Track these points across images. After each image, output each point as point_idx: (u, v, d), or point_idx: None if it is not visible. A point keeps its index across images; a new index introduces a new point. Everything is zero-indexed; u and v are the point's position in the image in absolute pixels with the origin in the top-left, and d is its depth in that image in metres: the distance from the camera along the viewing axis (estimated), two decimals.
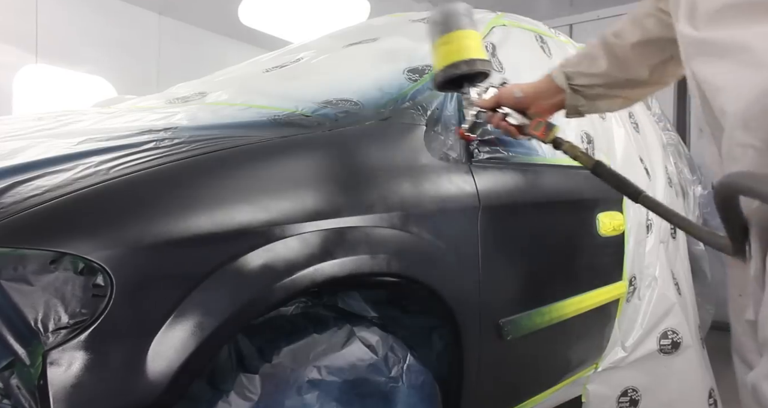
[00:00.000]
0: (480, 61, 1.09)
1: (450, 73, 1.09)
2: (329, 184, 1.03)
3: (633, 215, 1.86)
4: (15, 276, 0.71)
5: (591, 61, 1.06)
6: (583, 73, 1.07)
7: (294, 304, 1.04)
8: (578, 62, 1.08)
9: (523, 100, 1.11)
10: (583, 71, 1.07)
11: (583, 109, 1.10)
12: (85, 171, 0.85)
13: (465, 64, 1.08)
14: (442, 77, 1.11)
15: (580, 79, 1.07)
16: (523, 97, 1.10)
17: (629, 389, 1.89)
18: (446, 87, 1.14)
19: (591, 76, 1.06)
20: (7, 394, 0.69)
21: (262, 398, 0.90)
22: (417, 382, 1.10)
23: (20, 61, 3.95)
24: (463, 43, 1.08)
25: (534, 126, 1.09)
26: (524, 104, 1.11)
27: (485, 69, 1.11)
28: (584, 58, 1.07)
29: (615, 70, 1.04)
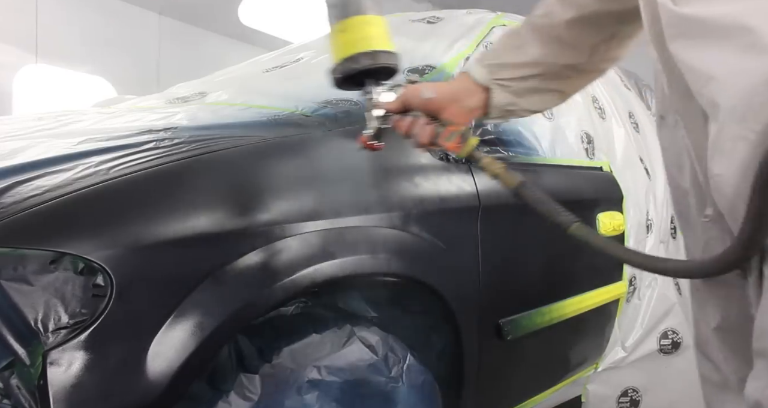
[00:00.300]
0: (385, 54, 0.89)
1: (349, 68, 0.89)
2: (329, 184, 1.03)
3: (633, 215, 1.86)
4: (15, 276, 0.71)
5: (517, 49, 0.88)
6: (509, 64, 0.87)
7: (294, 304, 1.04)
8: (501, 52, 0.89)
9: (433, 102, 0.88)
10: (510, 62, 0.87)
11: (512, 108, 0.90)
12: (85, 171, 0.85)
13: (366, 57, 0.88)
14: (340, 73, 0.91)
15: (505, 71, 0.87)
16: (434, 98, 0.88)
17: (629, 389, 1.89)
18: (346, 84, 0.94)
19: (520, 67, 0.87)
20: (7, 394, 0.69)
21: (262, 398, 0.90)
22: (417, 382, 1.10)
23: (20, 61, 3.95)
24: (365, 32, 0.89)
25: (446, 136, 0.86)
26: (435, 107, 0.89)
27: (391, 63, 0.91)
28: (508, 47, 0.89)
29: (549, 57, 0.87)
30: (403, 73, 1.38)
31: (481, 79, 0.88)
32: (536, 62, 0.86)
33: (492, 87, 0.88)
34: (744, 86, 0.52)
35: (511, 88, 0.88)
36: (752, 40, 0.51)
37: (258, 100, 1.38)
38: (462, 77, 0.91)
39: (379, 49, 0.89)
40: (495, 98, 0.89)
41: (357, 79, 0.92)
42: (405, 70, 1.41)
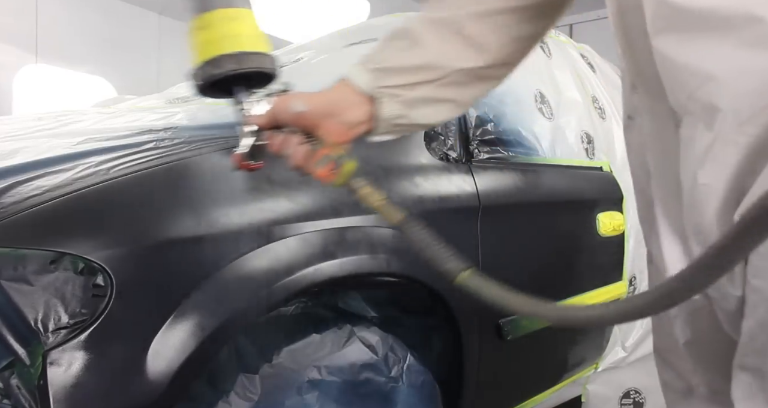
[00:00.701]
0: (255, 56, 0.76)
1: (209, 74, 0.74)
2: None
3: (633, 215, 1.86)
4: (15, 276, 0.71)
5: (408, 49, 0.72)
6: (398, 68, 0.71)
7: (294, 304, 1.04)
8: (389, 54, 0.73)
9: (305, 117, 0.72)
10: (399, 65, 0.71)
11: (402, 121, 0.74)
12: (85, 171, 0.85)
13: (231, 61, 0.74)
14: (200, 78, 0.75)
15: (394, 77, 0.71)
16: (306, 112, 0.72)
17: (631, 390, 1.89)
18: (211, 92, 0.78)
19: (411, 71, 0.71)
20: (7, 394, 0.69)
21: (262, 398, 0.90)
22: (417, 382, 1.10)
23: (20, 61, 3.95)
24: (229, 29, 0.74)
25: (316, 160, 0.70)
26: (308, 123, 0.72)
27: (265, 67, 0.78)
28: (397, 47, 0.73)
29: (445, 58, 0.72)
30: None
31: (365, 87, 0.72)
32: (430, 65, 0.71)
33: (378, 96, 0.72)
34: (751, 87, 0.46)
35: (400, 97, 0.72)
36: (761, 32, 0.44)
37: None
38: (341, 85, 0.74)
39: (248, 51, 0.75)
40: (383, 110, 0.72)
41: (225, 87, 0.76)
42: None
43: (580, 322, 0.60)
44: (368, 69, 0.73)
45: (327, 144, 0.71)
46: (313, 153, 0.71)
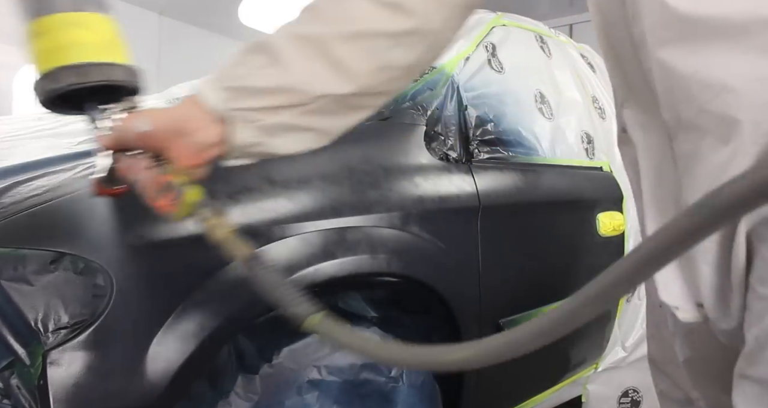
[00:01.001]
0: (105, 67, 0.66)
1: (48, 89, 0.65)
2: (329, 183, 1.03)
3: (633, 215, 1.86)
4: (15, 276, 0.71)
5: (269, 66, 0.62)
6: (256, 90, 0.62)
7: None
8: (246, 71, 0.63)
9: (151, 137, 0.63)
10: (257, 85, 0.62)
11: (257, 149, 0.65)
12: (85, 171, 0.85)
13: (70, 74, 0.64)
14: (40, 93, 0.66)
15: (251, 99, 0.62)
16: (151, 131, 0.62)
17: (630, 390, 1.89)
18: (60, 107, 0.68)
19: (271, 93, 0.62)
20: (7, 394, 0.69)
21: (262, 398, 0.90)
22: (417, 382, 1.10)
23: (20, 61, 3.95)
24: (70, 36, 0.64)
25: (156, 188, 0.62)
26: (156, 144, 0.63)
27: (115, 80, 0.67)
28: (257, 64, 0.63)
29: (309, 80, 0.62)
30: None
31: (216, 107, 0.62)
32: (292, 88, 0.62)
33: (231, 119, 0.62)
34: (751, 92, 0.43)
35: (257, 122, 0.63)
36: None
37: None
38: (190, 102, 0.63)
39: (93, 61, 0.65)
40: (236, 135, 0.63)
41: (76, 101, 0.67)
42: None
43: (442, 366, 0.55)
44: (222, 87, 0.63)
45: (177, 168, 0.62)
46: (161, 178, 0.63)
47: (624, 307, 1.85)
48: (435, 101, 1.33)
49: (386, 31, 0.62)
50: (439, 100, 1.34)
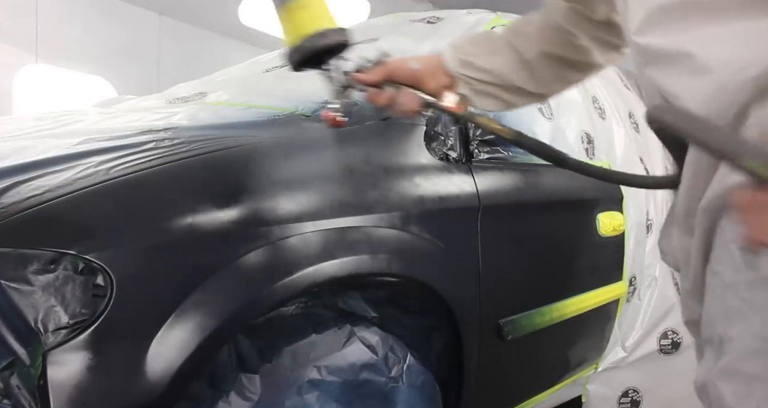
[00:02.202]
0: (345, 30, 0.90)
1: (317, 44, 0.87)
2: (329, 184, 1.03)
3: (633, 215, 1.86)
4: (15, 276, 0.71)
5: (489, 55, 0.94)
6: (477, 66, 0.93)
7: (294, 304, 1.04)
8: (476, 52, 0.94)
9: (419, 74, 0.93)
10: (478, 64, 0.93)
11: (466, 100, 0.95)
12: (85, 171, 0.85)
13: (335, 34, 0.88)
14: (307, 50, 0.89)
15: (472, 70, 0.93)
16: (420, 70, 0.93)
17: (630, 390, 1.89)
18: (304, 64, 0.92)
19: (484, 72, 0.93)
20: (7, 394, 0.69)
21: (262, 398, 0.90)
22: (417, 382, 1.10)
23: (20, 61, 3.95)
24: (324, 10, 0.89)
25: (445, 99, 0.91)
26: (419, 79, 0.93)
27: (349, 40, 0.92)
28: (483, 50, 0.95)
29: (510, 73, 0.94)
30: None
31: (451, 69, 0.94)
32: (499, 73, 0.93)
33: (457, 78, 0.94)
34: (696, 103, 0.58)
35: (471, 85, 0.94)
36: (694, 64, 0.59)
37: (258, 100, 1.38)
38: (435, 58, 0.95)
39: (338, 27, 0.90)
40: (458, 88, 0.95)
41: (317, 57, 0.90)
42: None
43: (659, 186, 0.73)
44: (457, 57, 0.94)
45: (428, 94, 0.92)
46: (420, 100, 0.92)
47: (624, 307, 1.85)
48: None
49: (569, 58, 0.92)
50: None
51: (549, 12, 0.93)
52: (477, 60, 0.93)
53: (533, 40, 0.92)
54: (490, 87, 0.94)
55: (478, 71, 0.93)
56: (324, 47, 0.89)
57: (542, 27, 0.93)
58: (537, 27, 0.94)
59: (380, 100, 0.95)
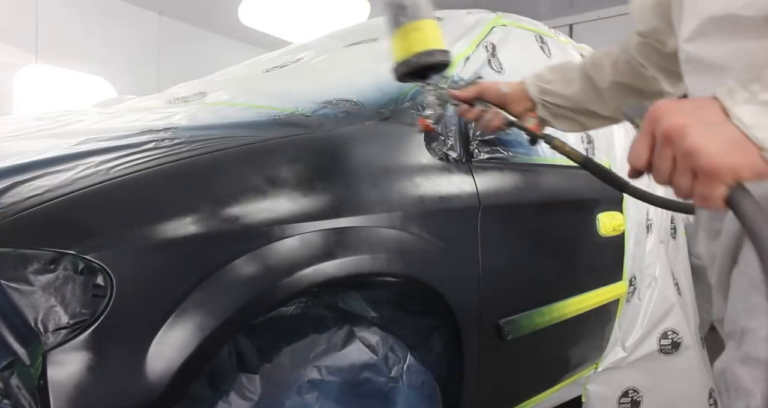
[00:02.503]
0: (448, 52, 1.06)
1: (424, 61, 1.03)
2: (329, 184, 1.03)
3: (633, 215, 1.86)
4: (15, 276, 0.71)
5: (566, 83, 1.09)
6: (555, 93, 1.10)
7: (294, 304, 1.04)
8: (553, 80, 1.10)
9: (506, 97, 1.10)
10: (555, 91, 1.09)
11: (545, 123, 1.13)
12: (85, 171, 0.85)
13: (441, 54, 1.04)
14: (413, 64, 1.04)
15: (550, 96, 1.10)
16: (508, 93, 1.10)
17: (630, 390, 1.89)
18: (408, 76, 1.08)
19: (561, 98, 1.09)
20: (7, 394, 0.69)
21: (262, 398, 0.90)
22: (417, 382, 1.10)
23: (20, 61, 3.95)
24: (433, 33, 1.04)
25: (526, 120, 1.09)
26: (506, 101, 1.10)
27: (451, 60, 1.09)
28: (561, 78, 1.10)
29: (584, 100, 1.09)
30: None
31: (532, 95, 1.11)
32: (574, 99, 1.09)
33: (537, 102, 1.11)
34: None
35: (549, 109, 1.11)
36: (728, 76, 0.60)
37: (258, 100, 1.38)
38: (519, 85, 1.13)
39: (443, 48, 1.05)
40: (538, 112, 1.12)
41: (421, 72, 1.06)
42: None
43: None
44: (537, 84, 1.12)
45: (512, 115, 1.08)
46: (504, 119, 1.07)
47: (624, 307, 1.85)
48: None
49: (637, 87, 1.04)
50: None
51: (625, 45, 1.04)
52: (555, 87, 1.09)
53: (607, 71, 1.06)
54: (566, 111, 1.10)
55: (556, 97, 1.09)
56: (428, 64, 1.03)
57: (616, 59, 1.05)
58: (612, 59, 1.06)
59: (469, 115, 1.11)
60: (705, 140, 0.56)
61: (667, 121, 0.58)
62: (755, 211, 0.57)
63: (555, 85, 1.10)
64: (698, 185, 0.57)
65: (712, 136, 0.56)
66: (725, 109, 0.56)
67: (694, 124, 0.57)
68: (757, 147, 0.55)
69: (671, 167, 0.59)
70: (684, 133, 0.56)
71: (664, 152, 0.59)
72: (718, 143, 0.56)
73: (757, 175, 0.56)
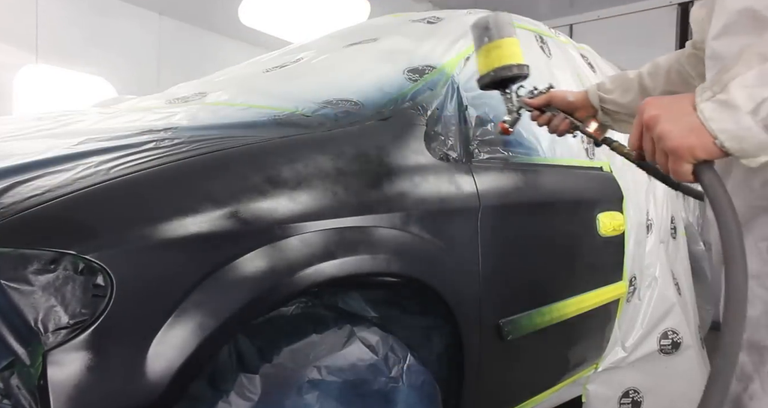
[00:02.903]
0: (526, 66, 1.20)
1: (501, 74, 1.19)
2: (329, 184, 1.03)
3: (633, 215, 1.86)
4: (15, 276, 0.71)
5: (624, 91, 1.21)
6: (613, 101, 1.21)
7: (294, 304, 1.04)
8: (613, 89, 1.22)
9: (572, 104, 1.23)
10: (614, 100, 1.21)
11: (607, 125, 1.25)
12: (85, 171, 0.85)
13: (517, 68, 1.18)
14: (493, 77, 1.20)
15: (610, 104, 1.21)
16: (574, 101, 1.23)
17: (630, 390, 1.89)
18: (490, 86, 1.24)
19: (619, 106, 1.20)
20: (7, 394, 0.69)
21: (262, 398, 0.90)
22: (417, 382, 1.10)
23: (20, 61, 3.95)
24: (513, 49, 1.19)
25: (589, 124, 1.20)
26: (573, 108, 1.23)
27: (528, 73, 1.22)
28: (619, 87, 1.22)
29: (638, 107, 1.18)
30: (403, 72, 1.40)
31: (594, 103, 1.23)
32: (629, 107, 1.19)
33: (599, 109, 1.23)
34: None
35: (610, 115, 1.22)
36: None
37: (258, 100, 1.38)
38: (584, 93, 1.25)
39: (524, 63, 1.19)
40: (599, 117, 1.23)
41: (500, 83, 1.22)
42: (405, 70, 1.42)
43: None
44: (598, 93, 1.23)
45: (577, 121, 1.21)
46: (580, 124, 1.20)
47: (624, 307, 1.85)
48: (435, 101, 1.33)
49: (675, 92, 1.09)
50: (439, 100, 1.34)
51: (679, 55, 1.15)
52: (613, 96, 1.21)
53: (660, 80, 1.17)
54: (624, 116, 1.20)
55: (614, 105, 1.21)
56: (505, 77, 1.19)
57: (669, 69, 1.16)
58: (666, 69, 1.17)
59: (540, 120, 1.25)
60: (670, 127, 0.72)
61: (647, 112, 0.75)
62: (715, 182, 0.72)
63: (613, 94, 1.21)
64: (670, 162, 0.73)
65: (676, 123, 0.72)
66: (695, 104, 0.71)
67: (664, 115, 0.73)
68: (711, 135, 0.69)
69: (652, 148, 0.75)
70: (656, 121, 0.73)
71: (646, 137, 0.76)
72: (680, 129, 0.71)
73: (709, 155, 0.71)
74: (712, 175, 0.72)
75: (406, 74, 1.40)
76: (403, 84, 1.36)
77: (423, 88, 1.35)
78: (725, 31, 0.79)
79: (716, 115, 0.69)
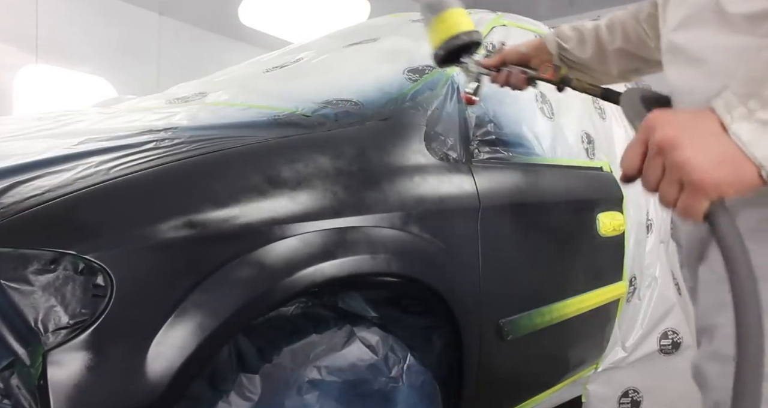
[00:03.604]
0: (475, 32, 1.17)
1: (452, 45, 1.15)
2: (329, 184, 1.03)
3: (633, 215, 1.86)
4: (15, 276, 0.71)
5: (580, 44, 1.18)
6: (569, 52, 1.19)
7: (294, 304, 1.04)
8: (569, 38, 1.19)
9: (526, 56, 1.21)
10: (570, 50, 1.18)
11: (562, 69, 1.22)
12: (85, 171, 0.85)
13: (464, 35, 1.15)
14: (444, 50, 1.17)
15: (566, 53, 1.19)
16: (527, 52, 1.21)
17: (630, 390, 1.89)
18: (446, 61, 1.20)
19: (576, 57, 1.18)
20: (7, 394, 0.69)
21: (262, 398, 0.90)
22: (417, 382, 1.10)
23: (20, 61, 3.95)
24: (458, 19, 1.16)
25: (543, 70, 1.16)
26: (527, 60, 1.20)
27: (480, 39, 1.19)
28: (576, 37, 1.19)
29: (594, 61, 1.16)
30: (404, 72, 1.40)
31: (551, 49, 1.20)
32: (584, 59, 1.17)
33: (555, 54, 1.20)
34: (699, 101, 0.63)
35: (566, 63, 1.19)
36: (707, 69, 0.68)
37: (258, 100, 1.38)
38: (538, 42, 1.22)
39: (471, 29, 1.16)
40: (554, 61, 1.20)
41: (454, 55, 1.18)
42: (405, 70, 1.42)
43: None
44: (555, 40, 1.19)
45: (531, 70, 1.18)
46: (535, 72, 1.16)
47: (624, 307, 1.85)
48: (435, 101, 1.33)
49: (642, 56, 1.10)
50: (439, 100, 1.34)
51: (636, 13, 1.10)
52: (570, 45, 1.18)
53: (617, 36, 1.12)
54: (578, 66, 1.19)
55: (570, 55, 1.18)
56: (456, 47, 1.15)
57: (625, 26, 1.11)
58: (623, 25, 1.12)
59: (499, 80, 1.21)
60: (695, 154, 0.56)
61: (661, 132, 0.59)
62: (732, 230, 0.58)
63: (570, 43, 1.18)
64: (683, 197, 0.58)
65: (702, 151, 0.57)
66: (723, 124, 0.57)
67: (686, 138, 0.57)
68: (755, 165, 0.55)
69: (660, 176, 0.60)
70: (675, 145, 0.57)
71: (654, 161, 0.60)
72: (707, 158, 0.56)
73: (743, 189, 0.57)
74: (728, 221, 0.58)
75: (406, 74, 1.40)
76: (403, 84, 1.36)
77: (423, 88, 1.35)
78: (685, 23, 0.72)
79: (757, 139, 0.55)
